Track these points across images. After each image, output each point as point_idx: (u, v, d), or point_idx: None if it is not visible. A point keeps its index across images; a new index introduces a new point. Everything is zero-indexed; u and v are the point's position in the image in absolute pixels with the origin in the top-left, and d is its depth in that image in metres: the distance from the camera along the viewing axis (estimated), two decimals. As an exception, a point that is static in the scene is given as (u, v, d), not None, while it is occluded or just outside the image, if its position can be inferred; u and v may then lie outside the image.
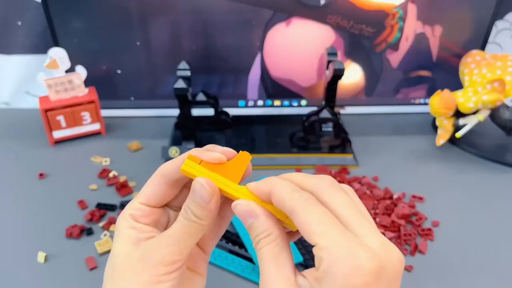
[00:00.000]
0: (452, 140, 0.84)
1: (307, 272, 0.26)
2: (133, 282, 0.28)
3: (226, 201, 0.31)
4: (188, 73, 0.74)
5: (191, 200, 0.29)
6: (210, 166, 0.30)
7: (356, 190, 0.69)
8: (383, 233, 0.61)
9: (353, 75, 0.85)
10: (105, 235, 0.61)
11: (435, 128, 0.85)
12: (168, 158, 0.76)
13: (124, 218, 0.31)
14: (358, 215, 0.26)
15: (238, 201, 0.29)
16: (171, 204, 0.33)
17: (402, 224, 0.63)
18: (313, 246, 0.25)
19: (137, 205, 0.31)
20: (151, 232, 0.31)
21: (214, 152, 0.30)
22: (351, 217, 0.26)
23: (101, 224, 0.63)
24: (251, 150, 0.78)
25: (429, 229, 0.63)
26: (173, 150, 0.75)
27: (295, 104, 0.86)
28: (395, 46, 0.82)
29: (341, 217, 0.26)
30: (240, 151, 0.32)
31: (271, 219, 0.28)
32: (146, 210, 0.31)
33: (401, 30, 0.80)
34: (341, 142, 0.80)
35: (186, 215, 0.29)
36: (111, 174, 0.74)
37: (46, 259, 0.57)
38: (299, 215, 0.26)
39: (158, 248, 0.29)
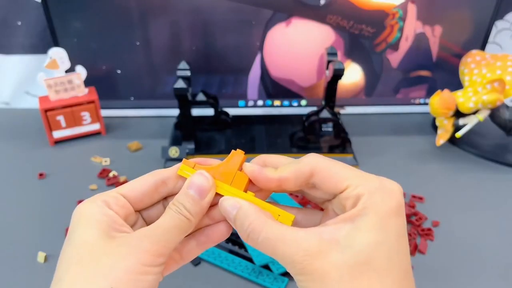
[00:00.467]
0: (452, 140, 0.84)
1: (332, 220, 0.27)
2: (114, 267, 0.25)
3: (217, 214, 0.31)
4: (188, 73, 0.74)
5: (184, 195, 0.29)
6: (206, 169, 0.31)
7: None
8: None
9: (353, 75, 0.85)
10: (105, 235, 0.61)
11: (435, 128, 0.85)
12: (168, 158, 0.76)
13: (94, 203, 0.29)
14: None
15: (224, 197, 0.30)
16: (143, 213, 0.32)
17: (402, 224, 0.63)
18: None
19: (114, 193, 0.30)
20: (123, 226, 0.28)
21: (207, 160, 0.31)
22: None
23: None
24: (251, 150, 0.78)
25: (429, 229, 0.63)
26: (173, 150, 0.75)
27: (295, 104, 0.86)
28: (395, 46, 0.82)
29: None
30: (232, 150, 0.31)
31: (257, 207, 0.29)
32: (121, 201, 0.30)
33: (401, 30, 0.80)
34: (341, 142, 0.80)
35: (177, 209, 0.29)
36: (111, 174, 0.74)
37: (46, 259, 0.57)
38: (322, 171, 0.28)
39: (145, 237, 0.27)
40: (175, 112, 0.80)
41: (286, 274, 0.55)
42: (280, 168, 0.30)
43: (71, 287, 0.25)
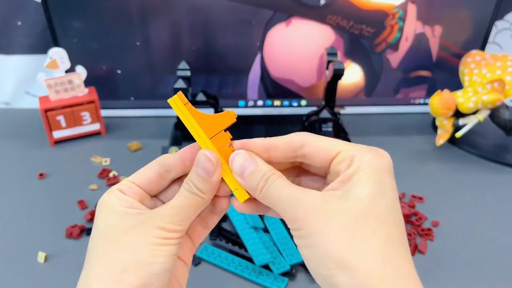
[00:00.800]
0: (452, 140, 0.84)
1: (331, 184, 0.28)
2: (134, 243, 0.28)
3: (222, 189, 0.31)
4: (188, 73, 0.74)
5: (194, 174, 0.30)
6: (194, 111, 0.31)
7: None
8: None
9: (353, 75, 0.85)
10: (105, 235, 0.61)
11: (435, 128, 0.85)
12: (168, 158, 0.76)
13: (111, 192, 0.31)
14: None
15: (237, 151, 0.30)
16: (159, 197, 0.33)
17: (402, 224, 0.63)
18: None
19: (126, 182, 0.32)
20: (139, 208, 0.30)
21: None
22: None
23: (101, 224, 0.63)
24: (251, 150, 0.78)
25: (429, 229, 0.63)
26: (173, 150, 0.75)
27: (295, 104, 0.86)
28: (395, 46, 0.82)
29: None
30: (227, 110, 0.32)
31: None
32: (134, 188, 0.31)
33: (401, 30, 0.80)
34: (341, 142, 0.80)
35: (189, 188, 0.30)
36: (111, 174, 0.74)
37: (46, 259, 0.57)
38: (313, 141, 0.29)
39: (160, 216, 0.29)
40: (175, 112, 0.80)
41: (286, 274, 0.55)
42: (268, 138, 0.31)
43: (97, 262, 0.28)
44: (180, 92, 0.31)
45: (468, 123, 0.78)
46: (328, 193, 0.27)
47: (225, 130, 0.32)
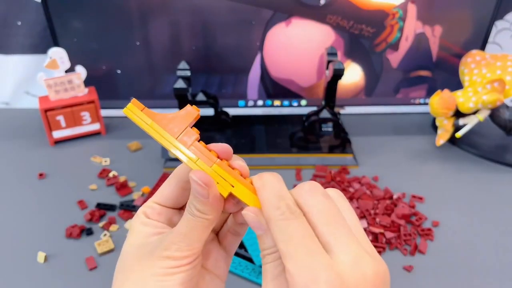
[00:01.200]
0: (452, 140, 0.84)
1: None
2: (143, 274, 0.28)
3: (228, 206, 0.31)
4: (188, 73, 0.74)
5: (192, 196, 0.29)
6: (153, 115, 0.30)
7: (356, 190, 0.69)
8: (383, 233, 0.61)
9: (353, 75, 0.85)
10: (104, 235, 0.61)
11: (435, 128, 0.85)
12: (168, 158, 0.76)
13: (137, 216, 0.31)
14: (334, 223, 0.25)
15: (248, 209, 0.28)
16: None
17: (402, 224, 0.63)
18: None
19: (150, 203, 0.32)
20: (162, 229, 0.31)
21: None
22: (325, 226, 0.25)
23: (100, 224, 0.63)
24: (251, 150, 0.78)
25: (429, 229, 0.63)
26: (173, 150, 0.75)
27: (295, 104, 0.86)
28: (395, 46, 0.82)
29: (315, 226, 0.25)
30: (188, 105, 0.31)
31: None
32: (157, 208, 0.31)
33: (401, 30, 0.80)
34: (341, 142, 0.80)
35: (191, 211, 0.29)
36: (111, 174, 0.74)
37: (46, 259, 0.57)
38: (273, 231, 0.26)
39: (167, 244, 0.28)
40: (175, 111, 0.80)
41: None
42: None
43: None
44: (134, 99, 0.30)
45: (468, 123, 0.78)
46: None
47: (192, 127, 0.30)
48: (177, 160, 0.74)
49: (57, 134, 0.82)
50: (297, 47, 0.80)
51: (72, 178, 0.74)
